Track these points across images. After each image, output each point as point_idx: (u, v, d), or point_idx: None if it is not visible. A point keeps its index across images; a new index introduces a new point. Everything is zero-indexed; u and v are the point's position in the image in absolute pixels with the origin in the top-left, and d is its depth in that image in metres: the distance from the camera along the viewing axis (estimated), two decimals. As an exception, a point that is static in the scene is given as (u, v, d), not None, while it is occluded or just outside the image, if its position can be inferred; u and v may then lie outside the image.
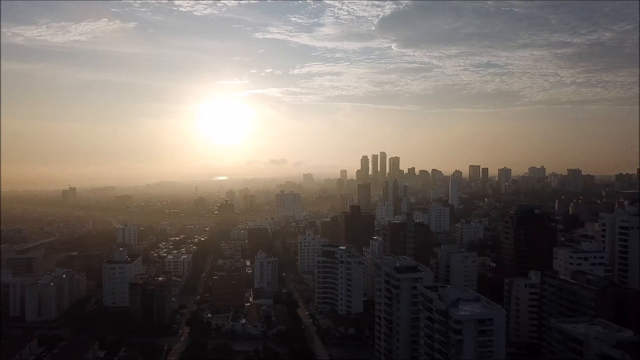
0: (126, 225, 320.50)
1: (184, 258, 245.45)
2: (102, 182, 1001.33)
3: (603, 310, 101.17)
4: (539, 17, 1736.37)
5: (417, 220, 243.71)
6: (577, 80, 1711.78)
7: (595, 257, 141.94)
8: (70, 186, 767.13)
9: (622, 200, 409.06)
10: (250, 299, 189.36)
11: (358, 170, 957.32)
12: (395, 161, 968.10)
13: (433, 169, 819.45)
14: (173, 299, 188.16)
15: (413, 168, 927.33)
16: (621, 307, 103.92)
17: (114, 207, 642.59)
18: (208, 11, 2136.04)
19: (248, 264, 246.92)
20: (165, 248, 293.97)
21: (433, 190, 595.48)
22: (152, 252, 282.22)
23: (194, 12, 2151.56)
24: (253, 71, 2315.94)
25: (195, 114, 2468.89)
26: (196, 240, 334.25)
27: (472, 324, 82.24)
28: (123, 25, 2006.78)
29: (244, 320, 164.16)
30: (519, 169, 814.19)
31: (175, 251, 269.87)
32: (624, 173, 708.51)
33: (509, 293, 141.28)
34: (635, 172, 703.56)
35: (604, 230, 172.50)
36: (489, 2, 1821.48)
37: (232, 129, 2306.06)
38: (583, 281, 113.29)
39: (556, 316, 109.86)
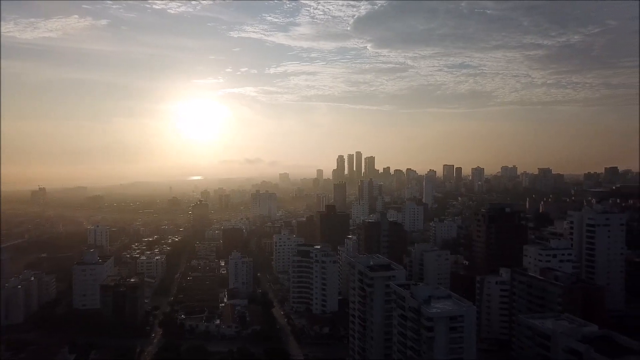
0: (98, 226, 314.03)
1: (157, 259, 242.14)
2: (73, 182, 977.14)
3: (570, 306, 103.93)
4: (511, 19, 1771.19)
5: (391, 219, 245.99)
6: (548, 82, 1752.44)
7: (563, 254, 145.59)
8: (40, 186, 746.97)
9: (590, 198, 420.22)
10: (225, 300, 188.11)
11: (334, 170, 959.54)
12: (370, 161, 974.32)
13: (408, 169, 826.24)
14: (146, 300, 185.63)
15: (388, 167, 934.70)
16: (587, 302, 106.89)
17: (85, 207, 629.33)
18: (182, 9, 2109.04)
19: (223, 264, 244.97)
20: (138, 249, 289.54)
21: (407, 190, 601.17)
22: (125, 253, 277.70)
23: (168, 10, 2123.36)
24: (228, 70, 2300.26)
25: (169, 113, 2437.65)
26: (170, 240, 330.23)
27: (443, 321, 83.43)
28: (95, 23, 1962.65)
29: (218, 321, 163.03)
30: (491, 169, 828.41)
31: (148, 252, 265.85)
32: (592, 172, 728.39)
33: (481, 290, 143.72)
34: (603, 171, 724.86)
35: (572, 228, 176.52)
36: (463, 4, 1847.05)
37: (207, 128, 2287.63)
38: (551, 278, 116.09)
39: (525, 312, 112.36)
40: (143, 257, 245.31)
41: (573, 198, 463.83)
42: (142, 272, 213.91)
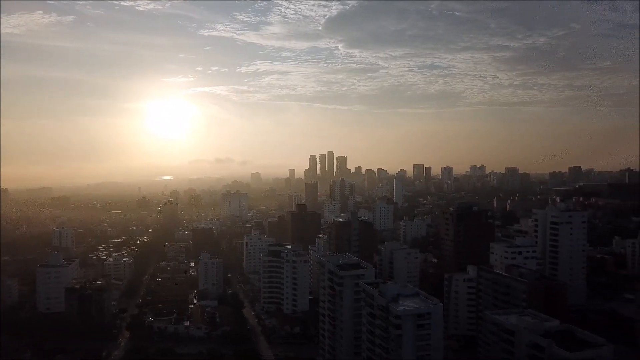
0: (63, 227, 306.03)
1: (125, 260, 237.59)
2: (37, 182, 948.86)
3: (533, 302, 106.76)
4: (479, 21, 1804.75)
5: (362, 219, 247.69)
6: (515, 83, 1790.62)
7: (528, 252, 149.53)
8: (2, 187, 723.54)
9: (554, 197, 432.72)
10: (195, 301, 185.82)
11: (306, 170, 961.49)
12: (342, 160, 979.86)
13: (379, 168, 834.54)
14: (113, 303, 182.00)
15: (360, 167, 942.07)
16: (550, 298, 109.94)
17: (50, 208, 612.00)
18: (151, 6, 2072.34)
19: (192, 265, 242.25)
20: (106, 250, 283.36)
21: (378, 189, 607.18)
22: (91, 255, 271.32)
23: (137, 7, 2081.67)
24: (199, 69, 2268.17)
25: (138, 111, 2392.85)
26: (138, 242, 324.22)
27: (411, 319, 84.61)
28: (60, 19, 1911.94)
29: (187, 323, 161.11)
30: (460, 168, 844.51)
31: (116, 253, 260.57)
32: (556, 171, 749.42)
33: (449, 288, 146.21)
34: (567, 170, 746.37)
35: (536, 226, 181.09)
36: (432, 6, 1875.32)
37: (177, 128, 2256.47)
38: (516, 274, 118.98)
39: (491, 308, 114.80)
40: (110, 259, 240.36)
41: (538, 196, 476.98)
42: (109, 274, 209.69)
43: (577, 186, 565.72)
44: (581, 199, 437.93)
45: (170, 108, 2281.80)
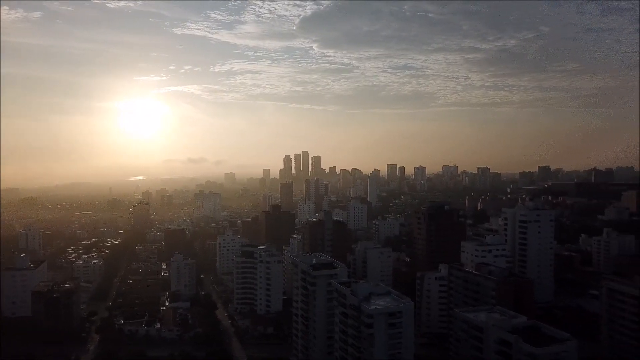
0: (30, 229, 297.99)
1: (94, 262, 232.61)
2: (3, 183, 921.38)
3: (502, 299, 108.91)
4: (452, 23, 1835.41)
5: (336, 218, 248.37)
6: (486, 84, 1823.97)
7: (498, 250, 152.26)
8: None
9: (524, 196, 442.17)
10: (167, 303, 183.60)
11: (281, 170, 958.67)
12: (317, 160, 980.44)
13: (353, 168, 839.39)
14: (82, 306, 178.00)
15: (334, 167, 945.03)
16: (518, 295, 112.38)
17: (17, 210, 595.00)
18: (122, 4, 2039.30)
19: (164, 266, 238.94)
20: (75, 253, 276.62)
21: (353, 189, 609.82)
22: (60, 257, 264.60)
23: (107, 4, 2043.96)
24: (171, 67, 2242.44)
25: (109, 110, 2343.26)
26: (109, 243, 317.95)
27: (382, 318, 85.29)
28: (27, 15, 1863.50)
29: (159, 325, 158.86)
30: (433, 168, 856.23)
31: (85, 255, 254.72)
32: (526, 171, 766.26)
33: (421, 286, 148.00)
34: (536, 170, 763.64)
35: (506, 225, 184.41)
36: (406, 7, 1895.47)
37: (149, 127, 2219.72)
38: (485, 272, 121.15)
39: (462, 306, 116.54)
40: (79, 261, 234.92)
41: (509, 195, 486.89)
42: (78, 277, 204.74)
43: (546, 185, 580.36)
44: (549, 197, 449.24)
45: (142, 107, 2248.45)
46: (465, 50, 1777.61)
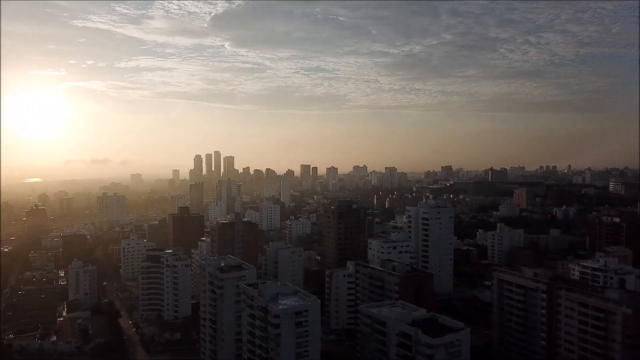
0: None
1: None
2: None
3: (404, 293, 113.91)
4: (362, 27, 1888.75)
5: (249, 219, 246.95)
6: (394, 87, 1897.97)
7: (402, 246, 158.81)
8: None
9: (428, 194, 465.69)
10: (64, 313, 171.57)
11: (191, 170, 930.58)
12: (229, 160, 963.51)
13: (267, 168, 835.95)
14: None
15: (248, 167, 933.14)
16: (419, 289, 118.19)
17: None
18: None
19: (62, 274, 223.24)
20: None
21: (266, 189, 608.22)
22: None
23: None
24: (72, 62, 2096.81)
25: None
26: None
27: (289, 317, 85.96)
28: None
29: (55, 337, 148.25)
30: (345, 168, 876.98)
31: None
32: (431, 170, 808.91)
33: (330, 283, 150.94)
34: (440, 169, 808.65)
35: (410, 222, 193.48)
36: (317, 9, 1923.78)
37: (46, 125, 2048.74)
38: (389, 268, 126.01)
39: (368, 302, 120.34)
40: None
41: (414, 194, 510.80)
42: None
43: (448, 184, 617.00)
44: (451, 196, 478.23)
45: (38, 104, 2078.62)
46: (375, 54, 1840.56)
